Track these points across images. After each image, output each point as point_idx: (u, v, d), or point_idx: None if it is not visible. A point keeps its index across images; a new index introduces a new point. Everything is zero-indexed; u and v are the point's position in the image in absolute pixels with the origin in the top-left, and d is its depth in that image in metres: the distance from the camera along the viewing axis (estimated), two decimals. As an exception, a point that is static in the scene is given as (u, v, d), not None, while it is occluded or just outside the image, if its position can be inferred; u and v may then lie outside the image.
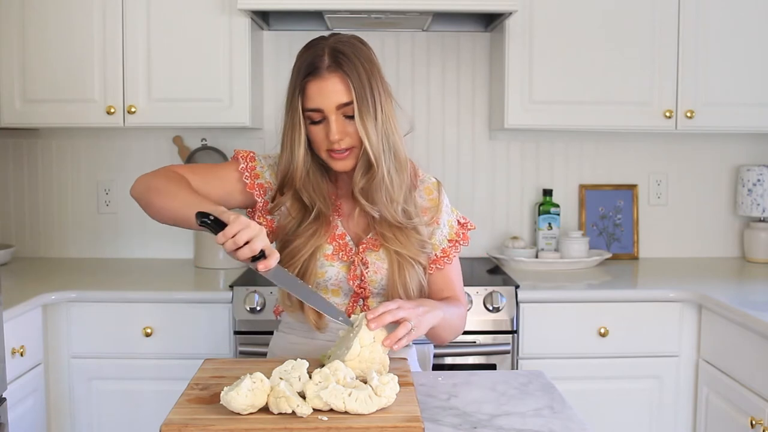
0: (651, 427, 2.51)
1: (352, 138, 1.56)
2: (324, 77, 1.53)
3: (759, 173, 2.97)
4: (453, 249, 1.72)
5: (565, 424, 1.30)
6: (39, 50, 2.66)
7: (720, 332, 2.34)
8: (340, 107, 1.54)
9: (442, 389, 1.47)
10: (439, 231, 1.70)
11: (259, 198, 1.66)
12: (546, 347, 2.47)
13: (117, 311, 2.43)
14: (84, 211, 3.07)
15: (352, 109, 1.54)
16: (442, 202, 1.71)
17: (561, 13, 2.71)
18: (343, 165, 1.59)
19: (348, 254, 1.64)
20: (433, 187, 1.73)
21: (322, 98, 1.54)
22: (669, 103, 2.74)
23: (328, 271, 1.64)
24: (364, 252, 1.64)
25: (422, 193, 1.71)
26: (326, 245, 1.64)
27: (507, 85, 2.73)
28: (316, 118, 1.56)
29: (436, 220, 1.69)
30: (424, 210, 1.69)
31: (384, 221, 1.63)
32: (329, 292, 1.67)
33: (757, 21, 2.73)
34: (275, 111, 3.05)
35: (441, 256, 1.70)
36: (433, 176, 1.76)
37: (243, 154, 1.69)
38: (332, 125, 1.54)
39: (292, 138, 1.58)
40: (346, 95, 1.53)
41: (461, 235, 1.73)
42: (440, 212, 1.70)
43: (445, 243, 1.71)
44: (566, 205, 3.10)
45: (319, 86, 1.53)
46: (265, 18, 2.89)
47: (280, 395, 1.22)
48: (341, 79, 1.53)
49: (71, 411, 2.45)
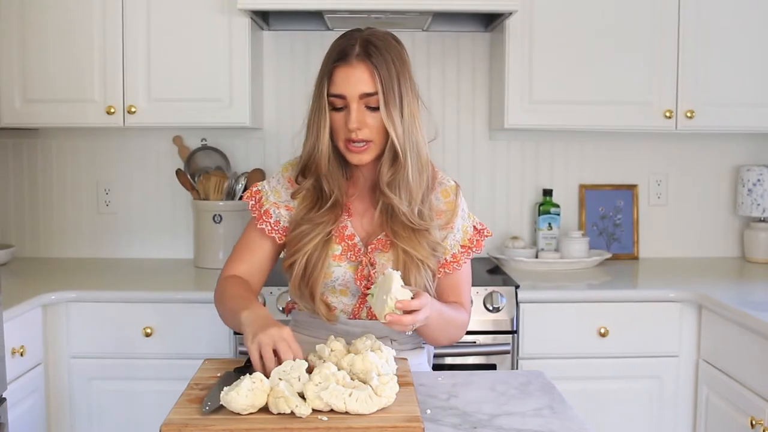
0: (651, 427, 2.51)
1: (371, 131, 1.57)
2: (352, 65, 1.55)
3: (759, 173, 2.97)
4: (464, 255, 1.70)
5: (565, 424, 1.30)
6: (39, 50, 2.66)
7: (720, 332, 2.34)
8: (363, 96, 1.55)
9: (442, 389, 1.47)
10: (452, 235, 1.68)
11: (265, 225, 1.69)
12: (546, 347, 2.47)
13: (117, 311, 2.43)
14: (84, 211, 3.07)
15: (375, 100, 1.55)
16: (459, 206, 1.70)
17: (561, 13, 2.71)
18: (359, 158, 1.60)
19: (356, 254, 1.64)
20: (450, 190, 1.71)
21: (347, 85, 1.55)
22: (669, 103, 2.74)
23: (335, 271, 1.64)
24: (373, 252, 1.64)
25: (439, 196, 1.69)
26: (335, 245, 1.64)
27: (507, 85, 2.73)
28: (339, 104, 1.57)
29: (451, 225, 1.68)
30: (439, 213, 1.67)
31: (398, 220, 1.62)
32: (337, 293, 1.67)
33: (758, 21, 2.73)
34: (275, 111, 3.05)
35: (450, 261, 1.68)
36: (452, 179, 1.74)
37: (248, 195, 1.73)
38: (352, 113, 1.55)
39: (318, 122, 1.59)
40: (371, 85, 1.55)
41: (475, 241, 1.71)
42: (456, 216, 1.68)
43: (456, 248, 1.69)
44: (566, 205, 3.10)
45: (346, 72, 1.55)
46: (265, 18, 2.89)
47: (279, 395, 1.22)
48: (368, 69, 1.55)
49: (71, 411, 2.45)
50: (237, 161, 3.03)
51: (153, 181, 3.06)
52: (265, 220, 1.70)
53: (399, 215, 1.61)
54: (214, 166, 2.94)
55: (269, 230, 1.69)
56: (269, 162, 3.02)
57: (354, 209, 1.68)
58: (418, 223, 1.61)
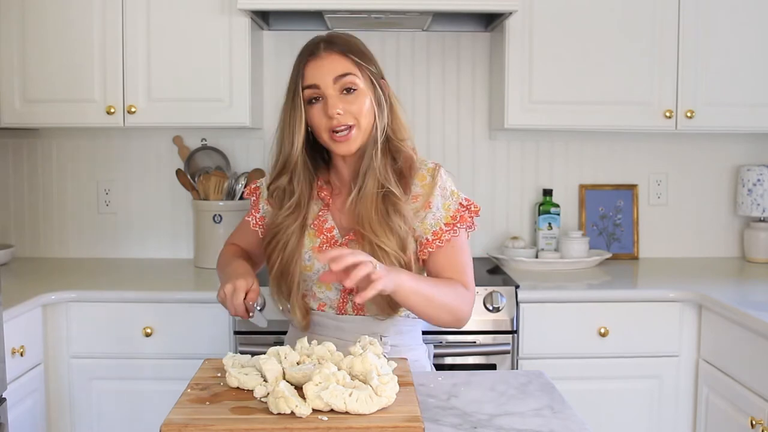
0: (651, 427, 2.51)
1: (353, 114, 1.59)
2: (321, 56, 1.61)
3: (759, 173, 2.97)
4: (448, 232, 1.65)
5: (565, 424, 1.30)
6: (39, 50, 2.66)
7: (720, 332, 2.34)
8: (337, 80, 1.58)
9: (442, 389, 1.47)
10: (431, 214, 1.65)
11: (251, 218, 1.79)
12: (546, 347, 2.47)
13: (117, 311, 2.43)
14: (84, 211, 3.07)
15: (350, 80, 1.59)
16: (437, 185, 1.66)
17: (561, 13, 2.71)
18: (346, 147, 1.62)
19: (332, 245, 1.66)
20: (427, 173, 1.68)
21: (318, 73, 1.59)
22: (669, 103, 2.74)
23: (314, 264, 1.66)
24: (347, 243, 1.65)
25: (416, 181, 1.68)
26: (315, 238, 1.67)
27: (507, 85, 2.73)
28: (315, 95, 1.60)
29: (427, 205, 1.65)
30: (414, 197, 1.66)
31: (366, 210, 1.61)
32: (322, 287, 1.68)
33: (758, 21, 2.73)
34: (275, 111, 3.02)
35: (432, 240, 1.65)
36: (431, 161, 1.72)
37: (248, 192, 1.84)
38: (329, 99, 1.59)
39: (293, 121, 1.63)
40: (343, 66, 1.59)
41: (458, 217, 1.66)
42: (433, 195, 1.66)
43: (438, 226, 1.65)
44: (566, 205, 3.10)
45: (316, 64, 1.60)
46: (265, 18, 2.89)
47: (279, 395, 1.22)
48: (337, 55, 1.61)
49: (71, 411, 2.45)
50: (237, 161, 3.03)
51: (153, 181, 3.06)
52: (253, 214, 1.79)
53: (369, 198, 1.61)
54: (214, 166, 2.94)
55: (254, 224, 1.79)
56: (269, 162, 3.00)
57: (334, 205, 1.70)
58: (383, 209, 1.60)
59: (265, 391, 1.30)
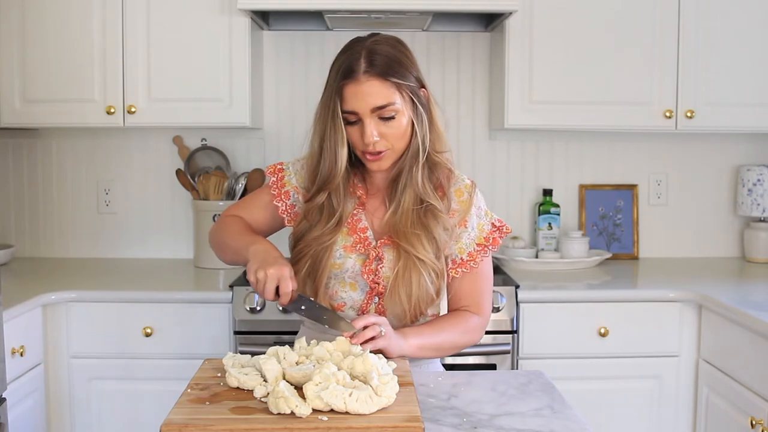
0: (651, 427, 2.51)
1: (387, 140, 1.58)
2: (360, 80, 1.55)
3: (759, 173, 2.97)
4: (480, 253, 1.68)
5: (565, 424, 1.30)
6: (39, 50, 2.66)
7: (720, 332, 2.34)
8: (375, 110, 1.56)
9: (442, 389, 1.47)
10: (466, 234, 1.67)
11: (280, 203, 1.72)
12: (546, 347, 2.47)
13: (117, 311, 2.43)
14: (84, 211, 3.07)
15: (388, 111, 1.56)
16: (473, 204, 1.69)
17: (561, 13, 2.71)
18: (378, 165, 1.62)
19: (366, 247, 1.65)
20: (464, 189, 1.70)
21: (358, 101, 1.55)
22: (669, 103, 2.74)
23: (345, 262, 1.65)
24: (382, 247, 1.64)
25: (453, 195, 1.69)
26: (348, 237, 1.66)
27: (507, 85, 2.73)
28: (352, 119, 1.58)
29: (464, 223, 1.67)
30: (452, 212, 1.67)
31: (403, 220, 1.62)
32: (347, 286, 1.67)
33: (758, 21, 2.73)
34: (275, 111, 3.05)
35: (467, 260, 1.67)
36: (467, 178, 1.73)
37: (271, 170, 1.76)
38: (366, 128, 1.56)
39: (335, 141, 1.59)
40: (381, 98, 1.55)
41: (491, 239, 1.69)
42: (469, 214, 1.68)
43: (472, 246, 1.68)
44: (566, 205, 3.10)
45: (355, 90, 1.55)
46: (265, 18, 2.89)
47: (279, 395, 1.22)
48: (377, 83, 1.55)
49: (71, 411, 2.45)
50: (237, 161, 3.03)
51: (153, 181, 3.06)
52: (283, 200, 1.72)
53: (407, 213, 1.61)
54: (214, 166, 2.94)
55: (282, 210, 1.72)
56: (269, 162, 3.01)
57: (369, 204, 1.70)
58: (422, 224, 1.61)
59: (265, 391, 1.29)
